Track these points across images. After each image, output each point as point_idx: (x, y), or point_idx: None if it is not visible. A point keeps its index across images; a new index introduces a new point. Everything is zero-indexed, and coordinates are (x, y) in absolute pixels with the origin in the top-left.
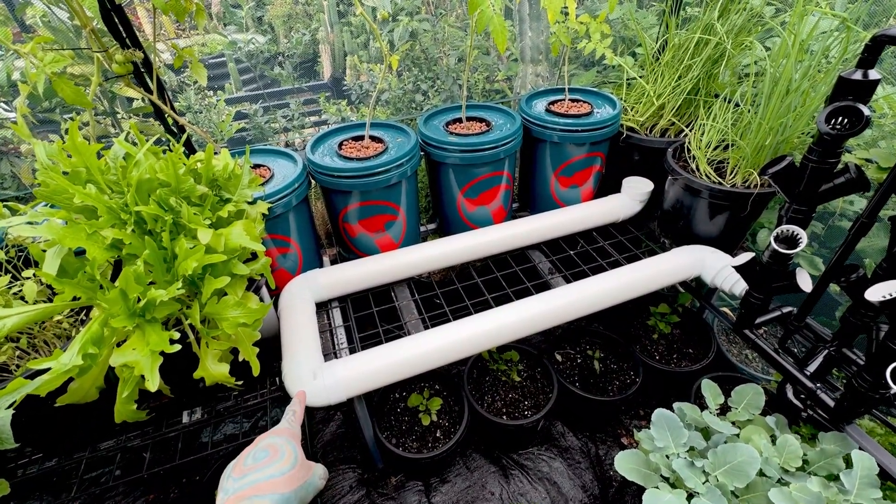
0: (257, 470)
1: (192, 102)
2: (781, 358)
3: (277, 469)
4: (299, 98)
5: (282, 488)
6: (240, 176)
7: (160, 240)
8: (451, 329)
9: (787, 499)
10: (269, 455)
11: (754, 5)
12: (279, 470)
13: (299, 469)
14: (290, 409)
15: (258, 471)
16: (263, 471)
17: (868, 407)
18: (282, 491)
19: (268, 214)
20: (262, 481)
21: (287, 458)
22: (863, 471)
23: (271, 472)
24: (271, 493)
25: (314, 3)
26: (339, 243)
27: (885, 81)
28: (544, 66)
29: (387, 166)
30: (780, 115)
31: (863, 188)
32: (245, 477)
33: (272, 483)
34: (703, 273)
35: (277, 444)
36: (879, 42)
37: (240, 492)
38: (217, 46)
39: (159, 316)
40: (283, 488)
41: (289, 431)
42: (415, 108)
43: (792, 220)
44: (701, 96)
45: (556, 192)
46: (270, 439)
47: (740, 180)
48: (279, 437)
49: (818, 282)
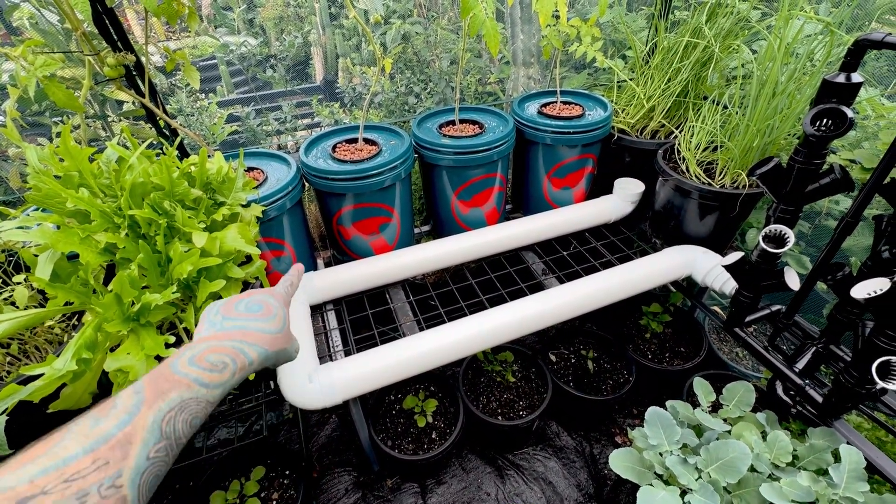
0: (250, 319)
1: (184, 105)
2: (771, 355)
3: (268, 326)
4: (291, 101)
5: (267, 345)
6: (234, 179)
7: (154, 244)
8: (445, 330)
9: (777, 494)
10: (262, 310)
11: (741, 9)
12: (269, 328)
13: (285, 335)
14: (286, 278)
15: (250, 320)
16: (255, 322)
17: (855, 402)
18: (266, 348)
19: (262, 217)
20: (252, 330)
21: (278, 319)
22: (850, 465)
23: (261, 326)
24: (258, 344)
25: (306, 6)
26: (334, 246)
27: (868, 84)
28: (536, 69)
29: (380, 169)
30: (767, 117)
31: (847, 188)
32: (235, 320)
33: (260, 336)
34: (693, 272)
35: (271, 304)
36: (861, 46)
37: (228, 332)
38: (208, 49)
39: (154, 320)
40: (267, 345)
41: (283, 297)
42: (408, 110)
43: (780, 219)
44: (690, 98)
45: (548, 193)
46: (265, 296)
47: (729, 181)
48: (273, 298)
49: (805, 280)
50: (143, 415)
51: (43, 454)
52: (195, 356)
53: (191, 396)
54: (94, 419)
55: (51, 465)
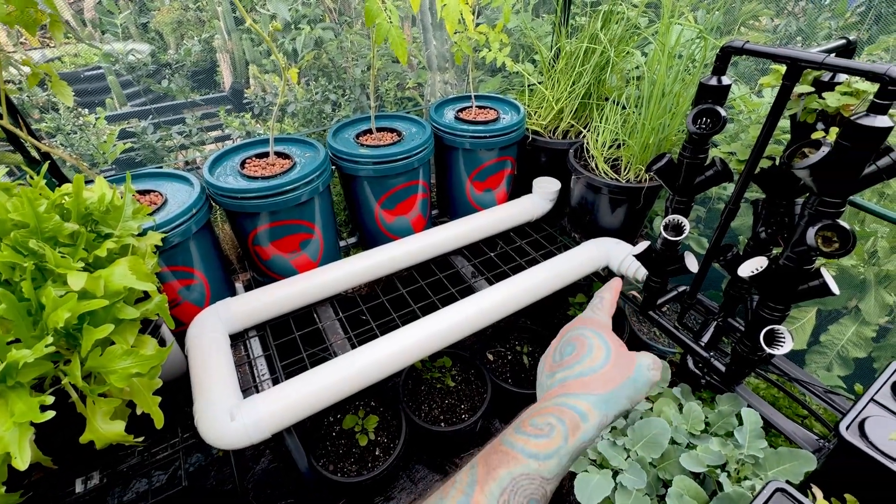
0: (565, 367)
1: (64, 122)
2: (680, 333)
3: (587, 366)
4: (196, 112)
5: (596, 388)
6: (121, 207)
7: (20, 290)
8: (379, 345)
9: (694, 461)
10: (575, 350)
11: (631, 17)
12: (589, 367)
13: (613, 366)
14: (598, 295)
15: (566, 368)
16: (571, 368)
17: (751, 367)
18: (598, 391)
19: (163, 245)
20: (571, 379)
21: (597, 353)
22: (750, 426)
23: (580, 370)
24: (584, 392)
25: (207, 9)
26: (252, 268)
27: (741, 81)
28: (451, 74)
29: (295, 184)
30: (659, 116)
31: (727, 179)
32: (554, 375)
33: (581, 382)
34: (609, 263)
35: (585, 337)
36: (727, 52)
37: (550, 390)
38: (93, 57)
39: (25, 380)
40: (597, 388)
41: (595, 321)
42: (325, 118)
43: (676, 209)
44: (593, 100)
45: (472, 196)
46: (575, 331)
47: (633, 176)
48: (585, 328)
49: (702, 262)
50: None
51: None
52: (521, 423)
53: (521, 472)
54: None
55: None
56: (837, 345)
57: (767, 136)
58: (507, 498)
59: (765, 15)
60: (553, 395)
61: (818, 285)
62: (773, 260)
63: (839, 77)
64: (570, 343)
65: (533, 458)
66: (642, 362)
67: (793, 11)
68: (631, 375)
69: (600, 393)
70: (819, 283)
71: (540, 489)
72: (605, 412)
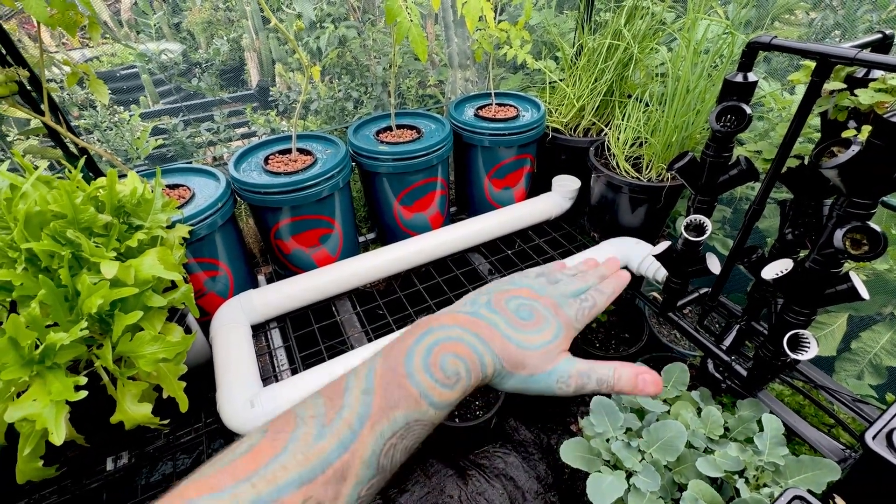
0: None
1: (101, 119)
2: (701, 336)
3: (525, 339)
4: (224, 110)
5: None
6: (151, 200)
7: (58, 277)
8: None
9: (711, 466)
10: (532, 319)
11: (656, 12)
12: (526, 341)
13: (542, 354)
14: (597, 289)
15: (511, 325)
16: (514, 329)
17: (774, 373)
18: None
19: (190, 238)
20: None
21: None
22: (771, 432)
23: (519, 338)
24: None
25: (237, 9)
26: (274, 261)
27: (772, 77)
28: (472, 71)
29: (316, 179)
30: (683, 114)
31: (753, 178)
32: (497, 314)
33: (510, 348)
34: (629, 263)
35: (543, 314)
36: (753, 48)
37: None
38: (129, 56)
39: (62, 361)
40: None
41: (570, 320)
42: (347, 115)
43: (698, 209)
44: (616, 97)
45: (490, 194)
46: (541, 306)
47: (655, 175)
48: (551, 310)
49: (724, 263)
50: (364, 439)
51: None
52: (432, 359)
53: (417, 417)
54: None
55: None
56: (870, 352)
57: (795, 134)
58: (396, 442)
59: (800, 9)
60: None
61: (846, 289)
62: (799, 262)
63: (874, 73)
64: (530, 310)
65: (433, 406)
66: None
67: (830, 4)
68: (534, 375)
69: (504, 369)
70: (847, 288)
71: (425, 432)
72: (496, 382)
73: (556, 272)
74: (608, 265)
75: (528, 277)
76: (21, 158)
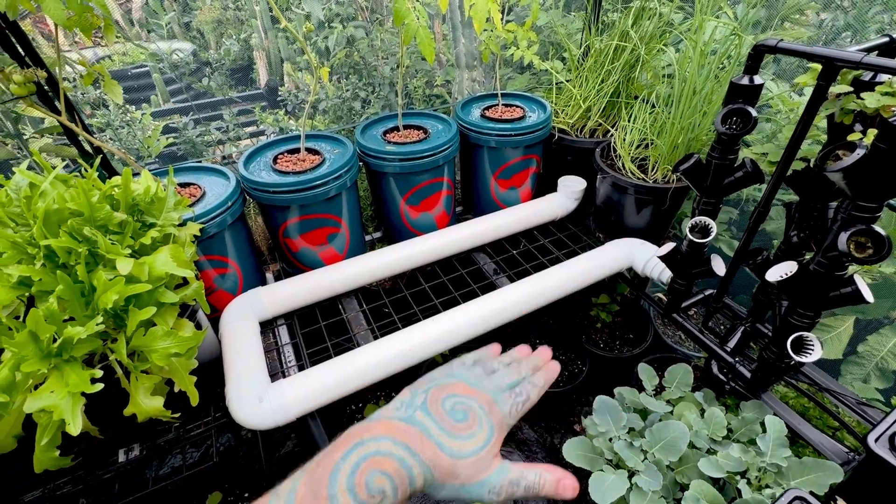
0: (444, 429)
1: (113, 118)
2: (705, 337)
3: (458, 447)
4: (233, 109)
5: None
6: (164, 199)
7: (75, 273)
8: (400, 337)
9: (713, 467)
10: (466, 421)
11: (663, 13)
12: (458, 450)
13: (475, 462)
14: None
15: (444, 431)
16: (447, 435)
17: (778, 375)
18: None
19: (200, 235)
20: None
21: (475, 441)
22: (774, 434)
23: (451, 445)
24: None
25: (246, 8)
26: (282, 259)
27: (780, 79)
28: (479, 72)
29: (324, 179)
30: (689, 115)
31: (757, 180)
32: (430, 418)
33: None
34: (633, 264)
35: (479, 416)
36: (759, 51)
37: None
38: (140, 55)
39: (78, 354)
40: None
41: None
42: (355, 115)
43: (703, 211)
44: (622, 98)
45: (496, 194)
46: (476, 404)
47: (660, 176)
48: (484, 409)
49: (729, 265)
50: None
51: None
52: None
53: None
54: None
55: None
56: (876, 356)
57: (800, 137)
58: None
59: (811, 9)
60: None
61: (850, 292)
62: (804, 265)
63: (881, 77)
64: (465, 411)
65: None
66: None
67: (841, 5)
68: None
69: (436, 481)
70: (851, 290)
71: None
72: (435, 495)
73: (493, 360)
74: (540, 355)
75: (465, 367)
76: (39, 157)
